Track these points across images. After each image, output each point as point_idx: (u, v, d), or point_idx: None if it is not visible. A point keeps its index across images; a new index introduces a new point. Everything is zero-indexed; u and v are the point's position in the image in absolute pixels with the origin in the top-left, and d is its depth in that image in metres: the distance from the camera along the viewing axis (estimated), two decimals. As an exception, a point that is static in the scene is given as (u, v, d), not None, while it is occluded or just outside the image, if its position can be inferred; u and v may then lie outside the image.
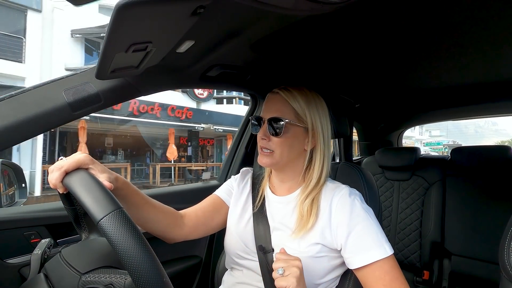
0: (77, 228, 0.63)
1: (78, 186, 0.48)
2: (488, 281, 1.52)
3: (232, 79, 1.05)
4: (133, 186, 0.69)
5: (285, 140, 0.71)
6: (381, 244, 0.63)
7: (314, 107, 0.73)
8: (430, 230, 1.72)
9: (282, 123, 0.69)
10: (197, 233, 0.79)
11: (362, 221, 0.65)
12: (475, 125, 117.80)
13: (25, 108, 0.69)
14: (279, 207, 0.76)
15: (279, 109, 0.71)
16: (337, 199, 0.69)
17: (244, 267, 0.76)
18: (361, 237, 0.64)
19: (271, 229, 0.74)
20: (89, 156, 0.56)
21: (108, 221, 0.42)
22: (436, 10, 0.70)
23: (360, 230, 0.65)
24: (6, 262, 0.77)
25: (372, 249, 0.63)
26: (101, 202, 0.44)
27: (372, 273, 0.62)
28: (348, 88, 1.45)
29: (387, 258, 0.62)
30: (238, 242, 0.76)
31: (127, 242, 0.40)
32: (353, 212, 0.66)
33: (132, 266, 0.39)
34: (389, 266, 0.62)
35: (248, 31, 0.69)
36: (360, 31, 0.82)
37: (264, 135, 0.72)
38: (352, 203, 0.67)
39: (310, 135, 0.72)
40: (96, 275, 0.52)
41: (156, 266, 0.40)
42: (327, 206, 0.69)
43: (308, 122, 0.72)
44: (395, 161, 1.88)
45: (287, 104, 0.71)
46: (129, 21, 0.49)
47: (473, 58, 1.03)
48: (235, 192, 0.85)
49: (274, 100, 0.73)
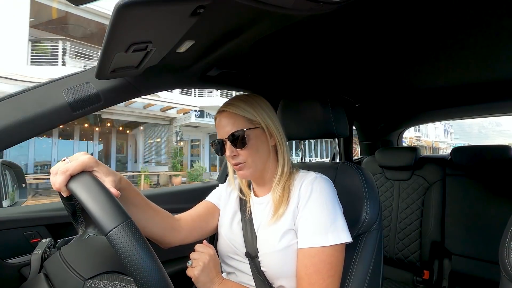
0: (74, 223, 0.63)
1: (85, 194, 0.47)
2: (488, 281, 1.52)
3: (232, 79, 1.05)
4: (134, 187, 0.69)
5: (251, 147, 0.73)
6: (324, 232, 0.65)
7: (259, 107, 0.75)
8: (430, 230, 1.72)
9: (241, 134, 0.72)
10: (193, 237, 0.80)
11: (315, 207, 0.68)
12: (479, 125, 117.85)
13: (25, 108, 0.69)
14: (260, 208, 0.78)
15: (232, 123, 0.73)
16: (304, 184, 0.72)
17: (236, 269, 0.78)
18: (309, 222, 0.67)
19: (256, 230, 0.76)
20: (93, 157, 0.55)
21: (117, 233, 0.41)
22: (435, 9, 0.70)
23: (310, 215, 0.67)
24: (6, 262, 0.77)
25: (314, 235, 0.65)
26: (109, 213, 0.43)
27: (303, 259, 0.65)
28: (348, 87, 1.45)
29: (326, 247, 0.64)
30: (228, 246, 0.79)
31: (136, 254, 0.40)
32: (310, 197, 0.69)
33: (141, 278, 0.39)
34: (325, 255, 0.64)
35: (248, 31, 0.69)
36: (360, 31, 0.82)
37: (232, 152, 0.74)
38: (313, 189, 0.70)
39: (267, 133, 0.75)
40: (100, 281, 0.51)
41: (164, 279, 0.41)
42: (296, 192, 0.72)
43: (260, 121, 0.74)
44: (395, 161, 1.88)
45: (235, 115, 0.74)
46: (129, 21, 0.49)
47: (473, 57, 1.03)
48: (224, 198, 0.87)
49: (223, 118, 0.75)
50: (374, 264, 0.80)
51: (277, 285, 0.70)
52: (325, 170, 0.89)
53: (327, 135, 0.92)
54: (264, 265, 0.71)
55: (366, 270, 0.79)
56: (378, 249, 0.82)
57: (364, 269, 0.78)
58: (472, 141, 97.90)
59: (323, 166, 0.95)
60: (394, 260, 1.83)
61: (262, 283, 0.71)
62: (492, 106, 1.74)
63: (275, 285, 0.71)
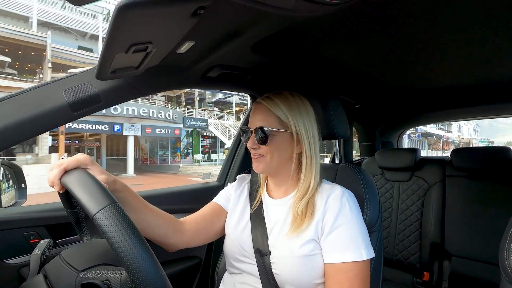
0: (79, 232, 0.63)
1: (75, 183, 0.49)
2: (488, 282, 1.52)
3: (232, 80, 1.05)
4: (132, 189, 0.69)
5: (272, 146, 0.73)
6: (358, 248, 0.66)
7: (297, 111, 0.74)
8: (430, 231, 1.72)
9: (267, 132, 0.72)
10: (197, 240, 0.79)
11: (346, 222, 0.68)
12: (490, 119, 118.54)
13: (25, 108, 0.69)
14: (276, 210, 0.77)
15: (264, 119, 0.74)
16: (331, 198, 0.71)
17: (243, 271, 0.77)
18: (341, 237, 0.67)
19: (268, 231, 0.75)
20: (89, 157, 0.57)
21: (103, 215, 0.42)
22: (435, 10, 0.70)
23: (342, 230, 0.67)
24: (6, 263, 0.77)
25: (348, 250, 0.65)
26: (96, 197, 0.44)
27: (336, 275, 0.65)
28: (348, 89, 1.45)
29: (359, 262, 0.65)
30: (236, 247, 0.77)
31: (122, 236, 0.40)
32: (340, 212, 0.69)
33: (127, 260, 0.39)
34: (358, 270, 0.64)
35: (248, 32, 0.69)
36: (360, 32, 0.82)
37: (254, 144, 0.75)
38: (342, 204, 0.70)
39: (295, 140, 0.74)
40: (93, 272, 0.52)
41: (152, 260, 0.40)
42: (322, 205, 0.71)
43: (292, 127, 0.73)
44: (395, 162, 1.88)
45: (270, 112, 0.74)
46: (129, 21, 0.49)
47: (473, 59, 1.04)
48: (233, 198, 0.86)
49: (258, 110, 0.76)
50: (374, 265, 0.80)
51: None
52: (326, 171, 0.89)
53: (327, 137, 0.92)
54: (276, 268, 0.69)
55: None
56: (378, 250, 0.82)
57: None
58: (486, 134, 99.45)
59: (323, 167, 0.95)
60: (394, 262, 1.83)
61: (270, 284, 0.69)
62: (493, 107, 1.74)
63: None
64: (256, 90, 1.23)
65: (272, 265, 0.70)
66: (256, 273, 0.72)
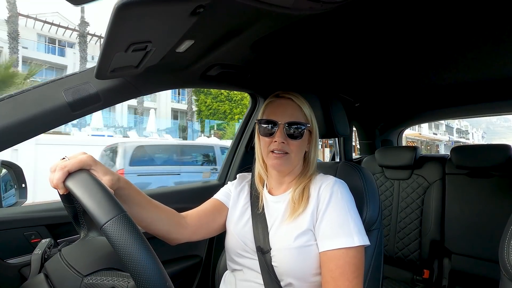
0: (76, 226, 0.63)
1: (81, 189, 0.47)
2: (488, 280, 1.52)
3: (232, 79, 1.05)
4: (135, 186, 0.69)
5: (301, 143, 0.75)
6: (349, 233, 0.66)
7: (312, 108, 0.79)
8: (430, 229, 1.72)
9: (303, 127, 0.74)
10: (199, 235, 0.80)
11: (337, 209, 0.69)
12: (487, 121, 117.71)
13: (25, 108, 0.69)
14: (276, 206, 0.78)
15: (294, 114, 0.75)
16: (324, 187, 0.73)
17: (244, 266, 0.77)
18: (332, 224, 0.68)
19: (269, 228, 0.76)
20: (91, 156, 0.55)
21: (111, 225, 0.41)
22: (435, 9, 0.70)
23: (333, 217, 0.68)
24: (7, 262, 0.77)
25: (339, 236, 0.66)
26: (104, 206, 0.44)
27: (328, 262, 0.65)
28: (348, 87, 1.45)
29: (351, 249, 0.64)
30: (238, 242, 0.78)
31: (131, 246, 0.40)
32: (331, 199, 0.70)
33: (136, 271, 0.39)
34: (349, 258, 0.64)
35: (248, 31, 0.69)
36: (359, 30, 0.82)
37: (285, 139, 0.74)
38: (333, 191, 0.71)
39: (311, 136, 0.79)
40: (98, 277, 0.51)
41: (160, 271, 0.40)
42: (315, 193, 0.73)
43: (312, 125, 0.78)
44: (395, 160, 1.88)
45: (299, 108, 0.76)
46: (129, 20, 0.49)
47: (473, 56, 1.03)
48: (233, 195, 0.87)
49: (287, 105, 0.76)
50: (374, 263, 0.80)
51: (286, 282, 0.70)
52: (325, 170, 0.89)
53: (327, 135, 0.92)
54: (275, 260, 0.71)
55: (367, 269, 0.79)
56: (378, 248, 0.82)
57: (364, 268, 0.78)
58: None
59: (323, 166, 0.95)
60: (394, 259, 1.84)
61: (270, 279, 0.70)
62: (493, 105, 1.73)
63: (283, 282, 0.70)
64: (256, 88, 1.23)
65: (272, 258, 0.71)
66: (257, 268, 0.73)
